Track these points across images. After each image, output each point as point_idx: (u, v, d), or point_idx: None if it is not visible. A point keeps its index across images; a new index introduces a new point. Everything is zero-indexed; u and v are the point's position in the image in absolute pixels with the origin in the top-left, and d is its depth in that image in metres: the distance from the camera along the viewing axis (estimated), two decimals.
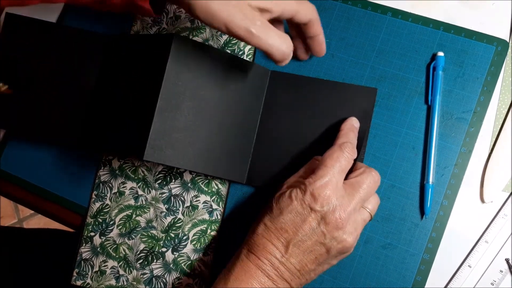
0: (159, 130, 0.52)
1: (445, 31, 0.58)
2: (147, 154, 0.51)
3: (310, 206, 0.48)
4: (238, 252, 0.52)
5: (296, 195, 0.49)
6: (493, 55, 0.56)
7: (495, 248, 0.54)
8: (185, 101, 0.54)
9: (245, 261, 0.50)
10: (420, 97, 0.58)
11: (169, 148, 0.53)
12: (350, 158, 0.51)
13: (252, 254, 0.50)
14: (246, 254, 0.51)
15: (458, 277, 0.54)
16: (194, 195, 0.62)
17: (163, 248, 0.62)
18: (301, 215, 0.49)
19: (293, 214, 0.49)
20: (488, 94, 0.56)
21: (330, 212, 0.48)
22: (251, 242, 0.51)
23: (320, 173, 0.49)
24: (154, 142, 0.51)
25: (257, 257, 0.49)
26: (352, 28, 0.60)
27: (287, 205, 0.49)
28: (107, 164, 0.65)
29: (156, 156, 0.52)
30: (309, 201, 0.48)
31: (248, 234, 0.52)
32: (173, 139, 0.53)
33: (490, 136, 0.56)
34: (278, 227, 0.49)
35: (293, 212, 0.49)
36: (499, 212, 0.54)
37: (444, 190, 0.55)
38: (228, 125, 0.57)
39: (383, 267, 0.56)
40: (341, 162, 0.50)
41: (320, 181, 0.49)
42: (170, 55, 0.52)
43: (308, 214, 0.48)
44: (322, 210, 0.48)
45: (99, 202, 0.65)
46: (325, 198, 0.48)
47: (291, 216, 0.49)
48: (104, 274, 0.63)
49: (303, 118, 0.59)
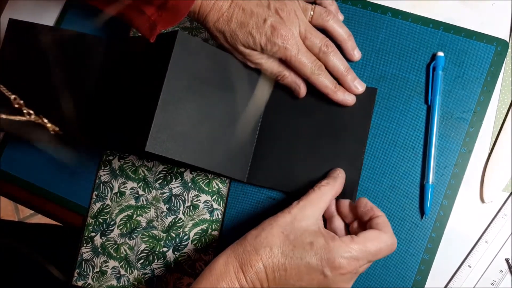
0: (161, 123, 0.52)
1: (445, 31, 0.58)
2: (149, 145, 0.51)
3: (323, 269, 0.47)
4: (226, 254, 0.49)
5: (317, 249, 0.47)
6: (493, 55, 0.56)
7: (495, 248, 0.54)
8: (187, 95, 0.54)
9: (229, 271, 0.48)
10: (420, 97, 0.58)
11: (171, 141, 0.53)
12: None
13: (240, 272, 0.47)
14: (235, 267, 0.48)
15: (458, 277, 0.54)
16: (194, 194, 0.62)
17: (164, 248, 0.62)
18: (311, 269, 0.47)
19: (304, 261, 0.47)
20: (488, 94, 0.56)
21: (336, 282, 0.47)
22: (244, 257, 0.48)
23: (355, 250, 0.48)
24: (156, 134, 0.52)
25: (243, 275, 0.47)
26: (352, 28, 0.60)
27: (303, 249, 0.47)
28: (107, 164, 0.65)
29: (158, 148, 0.52)
30: (326, 264, 0.47)
31: (244, 240, 0.50)
32: (175, 132, 0.53)
33: (490, 136, 0.56)
34: (281, 263, 0.47)
35: (304, 260, 0.47)
36: (499, 212, 0.55)
37: (444, 190, 0.56)
38: (229, 122, 0.57)
39: (383, 267, 0.56)
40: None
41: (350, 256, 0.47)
42: (174, 49, 0.52)
43: (319, 273, 0.47)
44: (331, 275, 0.47)
45: (99, 202, 0.65)
46: (344, 269, 0.47)
47: (306, 281, 0.47)
48: (105, 275, 0.63)
49: (305, 117, 0.59)
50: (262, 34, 0.53)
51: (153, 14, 0.53)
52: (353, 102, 0.57)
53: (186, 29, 0.66)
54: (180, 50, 0.52)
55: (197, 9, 0.54)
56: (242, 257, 0.48)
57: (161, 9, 0.53)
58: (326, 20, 0.57)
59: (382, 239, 0.48)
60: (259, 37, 0.53)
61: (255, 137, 0.60)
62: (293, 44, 0.54)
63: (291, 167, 0.58)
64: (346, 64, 0.57)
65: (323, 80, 0.56)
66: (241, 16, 0.53)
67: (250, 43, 0.54)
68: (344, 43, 0.58)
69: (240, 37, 0.54)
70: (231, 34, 0.54)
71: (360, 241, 0.48)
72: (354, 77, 0.57)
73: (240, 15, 0.54)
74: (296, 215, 0.49)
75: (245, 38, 0.54)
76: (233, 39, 0.54)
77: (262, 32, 0.53)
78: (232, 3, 0.54)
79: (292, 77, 0.57)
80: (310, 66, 0.55)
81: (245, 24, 0.53)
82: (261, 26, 0.53)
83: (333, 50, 0.56)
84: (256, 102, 0.60)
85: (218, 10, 0.54)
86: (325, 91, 0.56)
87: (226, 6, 0.54)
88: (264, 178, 0.59)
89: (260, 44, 0.54)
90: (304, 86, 0.58)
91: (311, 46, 0.55)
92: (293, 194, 0.59)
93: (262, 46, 0.54)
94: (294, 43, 0.54)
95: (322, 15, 0.57)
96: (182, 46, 0.53)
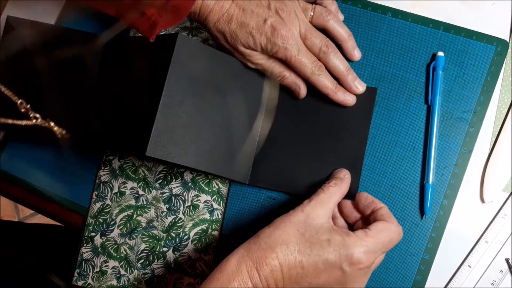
0: (162, 127, 0.52)
1: (445, 31, 0.58)
2: (150, 149, 0.51)
3: (342, 265, 0.47)
4: (238, 254, 0.48)
5: (335, 245, 0.47)
6: (493, 55, 0.56)
7: (495, 248, 0.54)
8: (188, 98, 0.54)
9: (241, 271, 0.47)
10: (420, 97, 0.58)
11: (172, 145, 0.53)
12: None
13: (254, 271, 0.47)
14: (249, 266, 0.47)
15: (458, 277, 0.54)
16: (194, 194, 0.62)
17: (164, 248, 0.62)
18: (330, 265, 0.47)
19: (322, 258, 0.47)
20: (488, 94, 0.56)
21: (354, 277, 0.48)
22: (258, 255, 0.47)
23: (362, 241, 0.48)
24: (157, 138, 0.51)
25: (258, 273, 0.47)
26: (352, 28, 0.60)
27: (320, 246, 0.47)
28: (107, 164, 0.65)
29: (159, 152, 0.52)
30: (345, 260, 0.47)
31: (258, 238, 0.49)
32: (175, 136, 0.53)
33: (490, 136, 0.56)
34: (298, 261, 0.47)
35: (323, 257, 0.47)
36: (499, 212, 0.55)
37: (444, 190, 0.56)
38: (230, 124, 0.57)
39: (383, 267, 0.56)
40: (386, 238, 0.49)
41: (364, 255, 0.47)
42: (175, 52, 0.52)
43: (338, 269, 0.47)
44: (349, 271, 0.47)
45: (99, 202, 0.65)
46: (363, 264, 0.47)
47: (319, 259, 0.47)
48: (105, 274, 0.63)
49: (305, 118, 0.59)
50: (262, 34, 0.53)
51: (153, 15, 0.53)
52: (354, 102, 0.57)
53: (186, 29, 0.66)
54: (180, 53, 0.52)
55: (197, 10, 0.54)
56: (256, 255, 0.47)
57: (161, 10, 0.53)
58: (327, 20, 0.57)
59: (391, 229, 0.49)
60: (259, 38, 0.53)
61: (256, 139, 0.60)
62: (293, 45, 0.54)
63: (292, 168, 0.58)
64: (347, 64, 0.57)
65: (323, 80, 0.56)
66: (241, 17, 0.53)
67: (251, 43, 0.54)
68: (345, 43, 0.58)
69: (241, 37, 0.54)
70: (231, 35, 0.54)
71: (373, 234, 0.48)
72: (354, 77, 0.57)
73: (240, 16, 0.54)
74: (309, 213, 0.49)
75: (246, 39, 0.54)
76: (234, 40, 0.54)
77: (262, 32, 0.53)
78: (232, 4, 0.54)
79: (293, 78, 0.57)
80: (311, 67, 0.55)
81: (245, 24, 0.53)
82: (261, 27, 0.53)
83: (334, 50, 0.56)
84: (267, 106, 0.60)
85: (218, 10, 0.54)
86: (326, 92, 0.56)
87: (227, 7, 0.54)
88: (266, 180, 0.59)
89: (260, 44, 0.54)
90: (305, 86, 0.57)
91: (311, 46, 0.55)
92: (294, 195, 0.59)
93: (262, 46, 0.54)
94: (294, 44, 0.54)
95: (322, 15, 0.57)
96: (182, 49, 0.53)
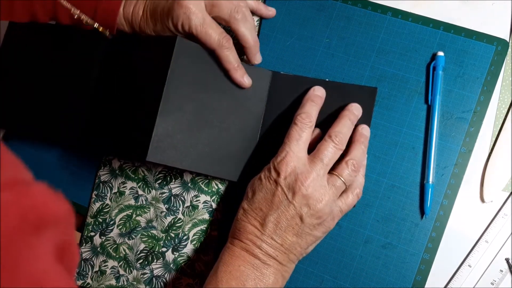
0: (162, 132, 0.52)
1: (445, 31, 0.58)
2: (150, 155, 0.51)
3: (276, 181, 0.51)
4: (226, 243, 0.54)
5: (264, 174, 0.53)
6: (493, 54, 0.56)
7: (495, 247, 0.54)
8: (187, 103, 0.54)
9: (230, 247, 0.52)
10: (420, 97, 0.58)
11: (172, 149, 0.53)
12: (305, 126, 0.53)
13: (235, 239, 0.53)
14: (231, 241, 0.53)
15: (458, 277, 0.54)
16: (194, 195, 0.62)
17: (163, 248, 0.62)
18: (270, 191, 0.52)
19: (263, 192, 0.52)
20: (488, 94, 0.56)
21: (294, 182, 0.50)
22: (233, 229, 0.54)
23: (280, 150, 0.52)
24: (157, 144, 0.51)
25: (240, 241, 0.52)
26: (352, 27, 0.60)
27: (258, 186, 0.53)
28: (107, 164, 0.65)
29: (159, 157, 0.52)
30: (274, 176, 0.51)
31: (232, 224, 0.55)
32: (175, 140, 0.53)
33: (490, 136, 0.56)
34: (254, 208, 0.52)
35: (263, 190, 0.52)
36: (499, 212, 0.54)
37: (444, 190, 0.55)
38: (230, 127, 0.57)
39: (383, 267, 0.56)
40: (296, 134, 0.52)
41: (281, 156, 0.52)
42: (173, 56, 0.52)
43: (276, 188, 0.51)
44: (286, 182, 0.51)
45: (99, 202, 0.65)
46: (287, 170, 0.51)
47: (262, 194, 0.52)
48: (104, 274, 0.63)
49: None
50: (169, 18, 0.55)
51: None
52: (249, 85, 0.57)
53: None
54: (179, 57, 0.52)
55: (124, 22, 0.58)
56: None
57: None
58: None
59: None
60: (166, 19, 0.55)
61: (256, 140, 0.60)
62: (198, 15, 0.54)
63: None
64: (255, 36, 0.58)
65: (228, 55, 0.55)
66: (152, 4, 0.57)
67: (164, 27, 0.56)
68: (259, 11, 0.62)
69: (151, 23, 0.57)
70: (147, 23, 0.57)
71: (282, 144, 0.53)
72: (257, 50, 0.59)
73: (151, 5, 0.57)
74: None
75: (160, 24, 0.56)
76: (149, 27, 0.57)
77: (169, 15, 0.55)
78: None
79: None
80: (218, 38, 0.55)
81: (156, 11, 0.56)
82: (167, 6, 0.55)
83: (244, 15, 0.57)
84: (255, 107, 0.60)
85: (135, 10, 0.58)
86: (228, 67, 0.56)
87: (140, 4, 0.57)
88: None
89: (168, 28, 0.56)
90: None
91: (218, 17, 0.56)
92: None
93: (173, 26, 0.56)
94: (200, 16, 0.54)
95: None
96: (180, 53, 0.53)
